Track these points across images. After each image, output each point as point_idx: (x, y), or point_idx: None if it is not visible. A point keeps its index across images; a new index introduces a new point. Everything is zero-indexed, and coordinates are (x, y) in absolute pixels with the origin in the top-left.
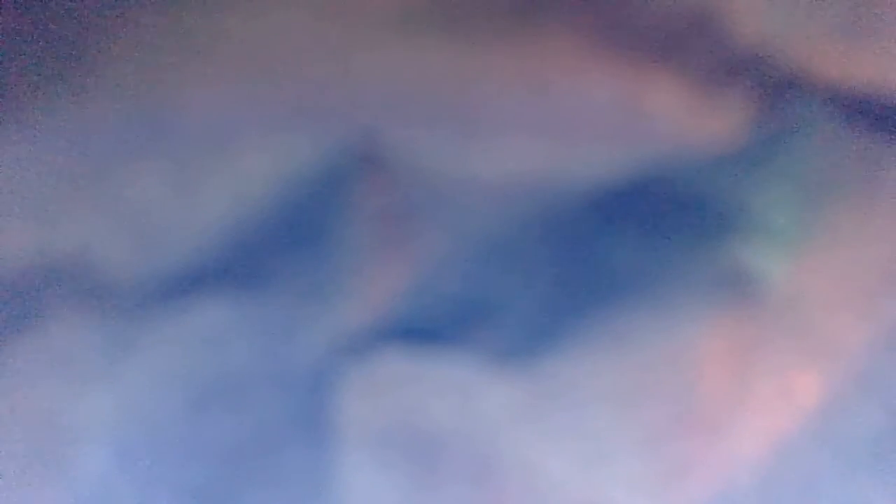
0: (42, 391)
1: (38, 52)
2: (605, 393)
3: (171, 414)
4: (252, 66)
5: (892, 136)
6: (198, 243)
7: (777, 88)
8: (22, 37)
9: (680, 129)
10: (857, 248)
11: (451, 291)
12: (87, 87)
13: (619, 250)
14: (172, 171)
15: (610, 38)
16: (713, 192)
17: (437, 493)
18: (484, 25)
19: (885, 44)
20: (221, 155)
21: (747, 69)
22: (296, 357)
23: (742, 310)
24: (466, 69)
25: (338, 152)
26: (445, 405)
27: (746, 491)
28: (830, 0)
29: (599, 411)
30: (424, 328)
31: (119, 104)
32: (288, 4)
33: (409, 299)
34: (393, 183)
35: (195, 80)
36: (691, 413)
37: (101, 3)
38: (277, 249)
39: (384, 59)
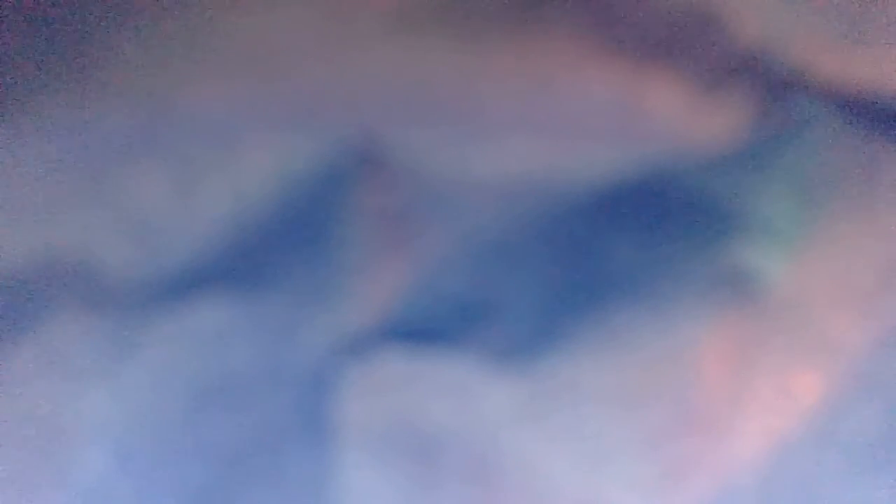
0: (42, 391)
1: (38, 52)
2: (605, 393)
3: (171, 414)
4: (252, 66)
5: (892, 136)
6: (198, 243)
7: (777, 88)
8: (22, 37)
9: (680, 129)
10: (857, 248)
11: (451, 291)
12: (87, 87)
13: (619, 250)
14: (172, 171)
15: (610, 37)
16: (713, 192)
17: (436, 493)
18: (484, 25)
19: (885, 44)
20: (221, 155)
21: (747, 69)
22: (296, 357)
23: (742, 310)
24: (466, 69)
25: (338, 152)
26: (445, 405)
27: (746, 491)
28: (830, 0)
29: (599, 411)
30: (424, 328)
31: (119, 104)
32: (288, 4)
33: (410, 299)
34: (393, 183)
35: (195, 79)
36: (691, 413)
37: (102, 3)
38: (277, 249)
39: (384, 59)
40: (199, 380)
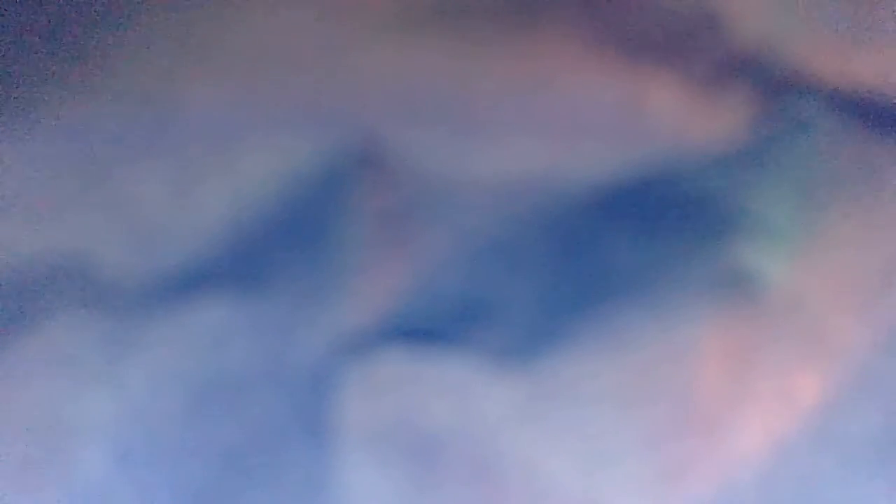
0: (42, 391)
1: (38, 52)
2: (605, 393)
3: (171, 414)
4: (252, 66)
5: (892, 136)
6: (198, 243)
7: (777, 88)
8: (22, 37)
9: (680, 129)
10: (857, 248)
11: (451, 291)
12: (87, 87)
13: (619, 250)
14: (172, 171)
15: (610, 37)
16: (713, 192)
17: (436, 493)
18: (484, 25)
19: (885, 44)
20: (221, 155)
21: (747, 69)
22: (296, 357)
23: (742, 310)
24: (466, 69)
25: (338, 153)
26: (445, 405)
27: (746, 491)
28: (830, 0)
29: (599, 411)
30: (424, 328)
31: (119, 104)
32: (288, 4)
33: (409, 299)
34: (393, 183)
35: (195, 80)
36: (691, 413)
37: (102, 3)
38: (277, 249)
39: (384, 59)
40: (199, 380)
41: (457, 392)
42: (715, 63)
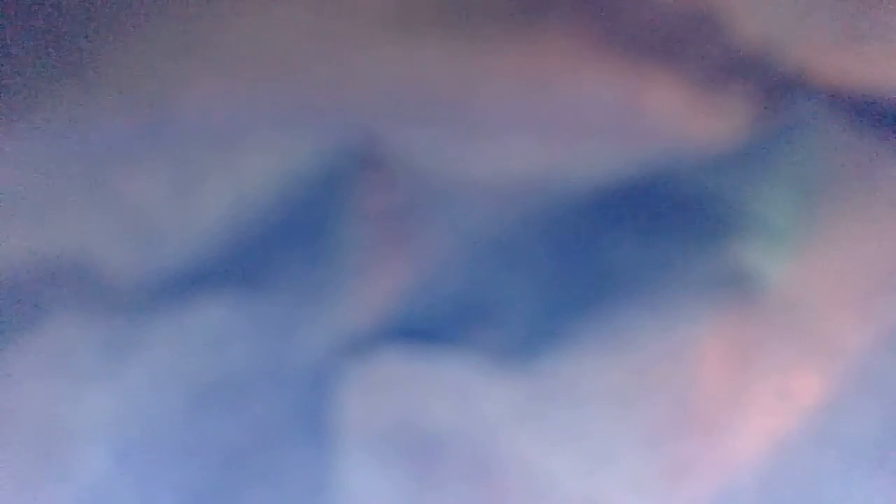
0: (42, 391)
1: (38, 51)
2: (605, 393)
3: (171, 414)
4: (252, 66)
5: (893, 136)
6: (198, 243)
7: (777, 88)
8: (22, 36)
9: (680, 128)
10: (857, 248)
11: (451, 291)
12: (87, 87)
13: (619, 250)
14: (172, 171)
15: (610, 37)
16: (713, 192)
17: (436, 493)
18: (484, 25)
19: (885, 44)
20: (221, 155)
21: (747, 69)
22: (296, 357)
23: (742, 310)
24: (466, 69)
25: (338, 152)
26: (445, 405)
27: (746, 491)
28: (830, 0)
29: (599, 411)
30: (424, 328)
31: (119, 104)
32: (288, 4)
33: (409, 299)
34: (393, 183)
35: (195, 79)
36: (691, 413)
37: (102, 3)
38: (277, 249)
39: (384, 59)
40: (199, 380)
41: (457, 392)
42: (715, 63)
